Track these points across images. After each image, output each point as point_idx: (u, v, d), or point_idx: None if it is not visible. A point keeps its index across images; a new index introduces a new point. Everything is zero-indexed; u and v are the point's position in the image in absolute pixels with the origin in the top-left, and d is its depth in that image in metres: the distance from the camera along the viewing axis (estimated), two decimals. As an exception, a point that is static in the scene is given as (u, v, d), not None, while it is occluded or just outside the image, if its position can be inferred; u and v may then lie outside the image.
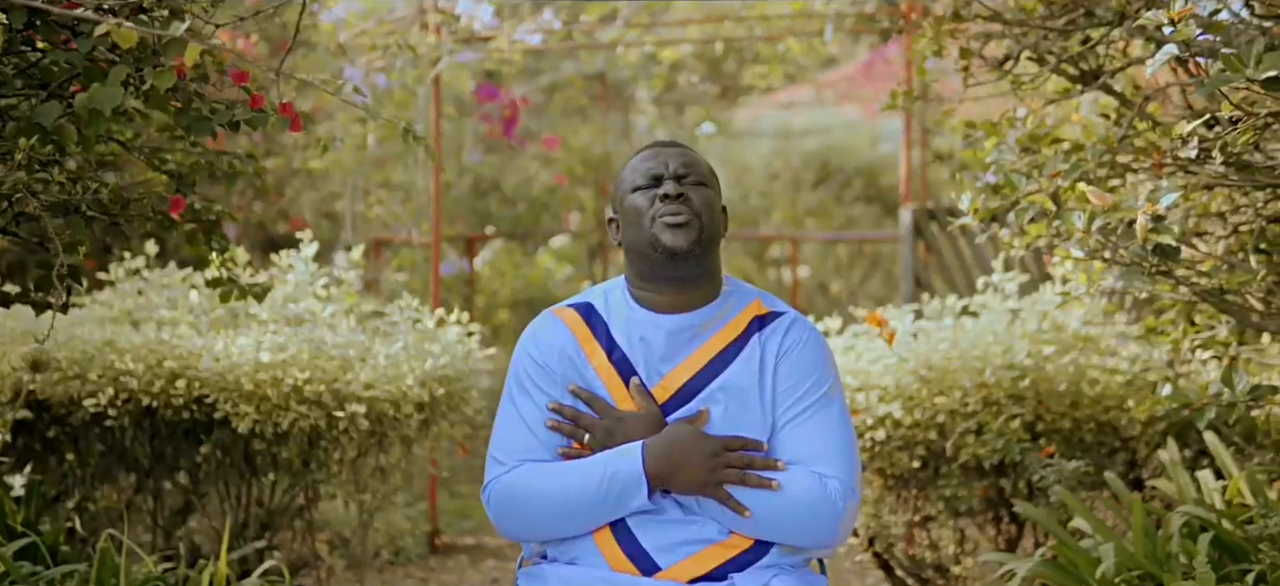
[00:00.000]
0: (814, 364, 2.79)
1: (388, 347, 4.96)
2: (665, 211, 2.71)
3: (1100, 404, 4.70)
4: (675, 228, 2.70)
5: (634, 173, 2.80)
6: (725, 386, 2.76)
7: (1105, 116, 4.22)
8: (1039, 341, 4.66)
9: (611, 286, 2.89)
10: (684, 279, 2.77)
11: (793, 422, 2.74)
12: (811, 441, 2.73)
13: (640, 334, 2.79)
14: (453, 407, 5.10)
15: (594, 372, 2.80)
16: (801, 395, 2.76)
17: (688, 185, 2.74)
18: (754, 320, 2.82)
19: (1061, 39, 4.09)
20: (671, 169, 2.76)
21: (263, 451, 4.85)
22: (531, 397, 2.81)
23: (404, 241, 7.66)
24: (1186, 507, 3.72)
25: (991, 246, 6.80)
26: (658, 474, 2.69)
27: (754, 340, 2.79)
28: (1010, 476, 4.68)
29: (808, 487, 2.68)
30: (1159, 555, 3.64)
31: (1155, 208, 3.04)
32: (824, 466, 2.71)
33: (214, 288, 4.08)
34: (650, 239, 2.72)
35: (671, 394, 2.77)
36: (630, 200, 2.77)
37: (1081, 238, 3.17)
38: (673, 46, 7.04)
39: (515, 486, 2.78)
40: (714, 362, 2.78)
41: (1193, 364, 4.90)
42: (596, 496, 2.71)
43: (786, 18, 6.73)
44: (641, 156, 2.84)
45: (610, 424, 2.76)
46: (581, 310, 2.87)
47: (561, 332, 2.84)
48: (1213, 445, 4.30)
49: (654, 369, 2.78)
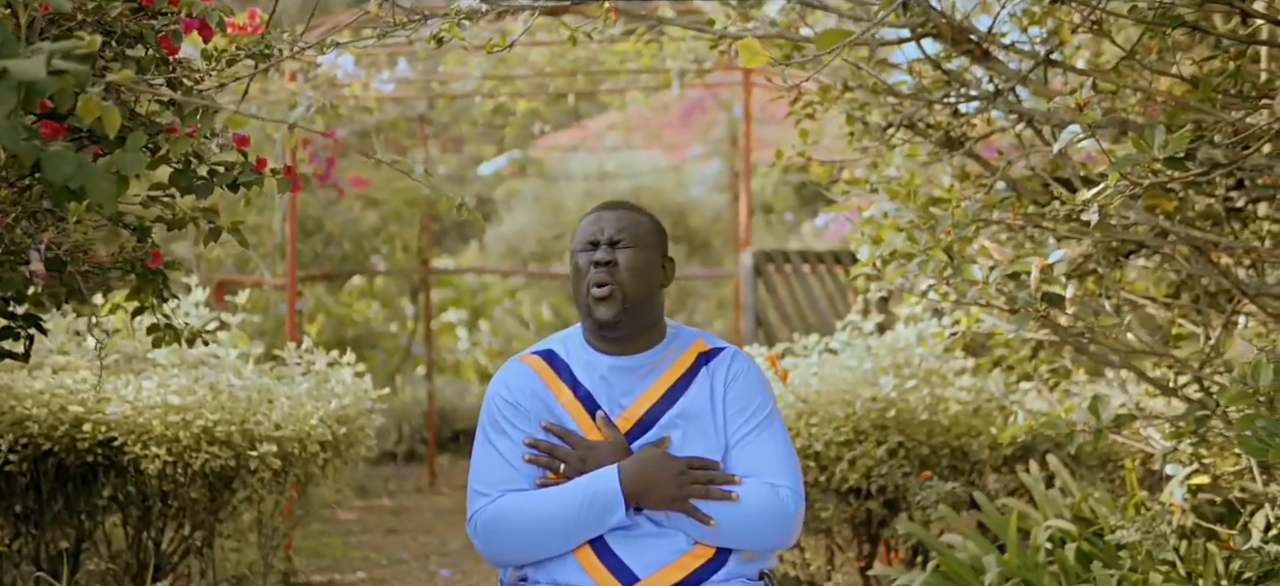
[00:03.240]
0: (756, 389, 3.18)
1: (291, 389, 5.15)
2: (593, 280, 3.07)
3: (951, 431, 5.23)
4: (600, 300, 3.06)
5: (580, 235, 3.15)
6: (683, 413, 3.13)
7: (968, 178, 4.76)
8: (902, 375, 5.17)
9: (568, 335, 3.25)
10: (620, 338, 3.13)
11: (743, 441, 3.13)
12: (762, 456, 3.11)
13: (600, 373, 3.14)
14: (350, 446, 5.32)
15: (563, 409, 3.14)
16: (748, 417, 3.15)
17: (620, 249, 3.08)
18: (700, 355, 3.20)
19: (927, 109, 4.61)
20: (607, 234, 3.10)
21: (171, 492, 4.98)
22: (507, 435, 3.13)
23: (254, 282, 7.76)
24: (1051, 522, 4.24)
25: (821, 288, 7.35)
26: (633, 492, 3.03)
27: (703, 372, 3.18)
28: (875, 498, 5.17)
29: (764, 497, 3.06)
30: (1029, 564, 4.16)
31: (1046, 261, 3.56)
32: (775, 477, 3.09)
33: (151, 333, 4.23)
34: (585, 307, 3.09)
35: (633, 423, 3.13)
36: (573, 260, 3.14)
37: (981, 287, 3.65)
38: (527, 98, 7.38)
39: (501, 514, 3.08)
40: (669, 394, 3.15)
41: (1018, 394, 5.50)
42: (579, 515, 3.04)
43: (633, 71, 7.13)
44: (588, 218, 3.17)
45: (583, 452, 3.10)
46: (545, 356, 3.22)
47: (530, 376, 3.18)
48: (1056, 467, 4.86)
49: (615, 402, 3.14)
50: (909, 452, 5.13)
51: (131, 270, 3.62)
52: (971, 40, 4.04)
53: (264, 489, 5.02)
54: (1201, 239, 3.97)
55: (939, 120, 4.48)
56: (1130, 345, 4.15)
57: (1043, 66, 4.08)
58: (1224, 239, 3.92)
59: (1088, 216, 3.19)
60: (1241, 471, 4.25)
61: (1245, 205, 4.73)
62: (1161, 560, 4.00)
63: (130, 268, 3.52)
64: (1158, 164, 2.88)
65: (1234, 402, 3.13)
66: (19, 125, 2.24)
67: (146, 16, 3.09)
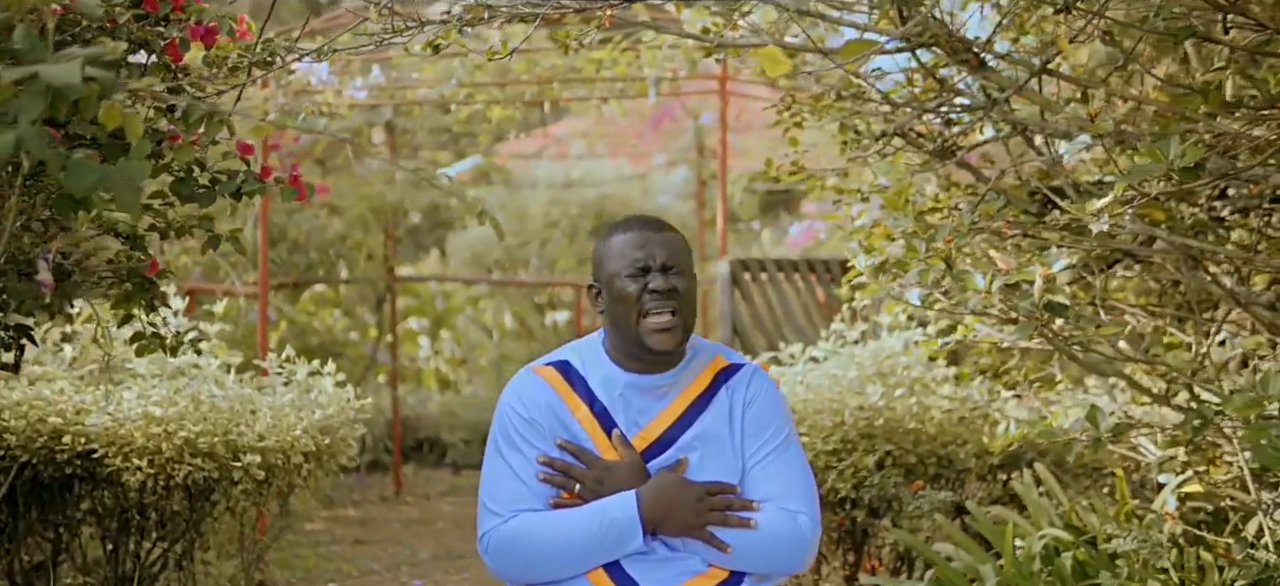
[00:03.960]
0: (774, 411, 3.13)
1: (274, 399, 5.09)
2: (653, 308, 2.96)
3: (937, 439, 5.25)
4: (662, 332, 2.97)
5: (621, 257, 3.02)
6: (701, 434, 3.07)
7: (956, 186, 4.77)
8: (887, 384, 5.17)
9: (584, 345, 3.16)
10: (664, 361, 3.07)
11: (760, 464, 3.08)
12: (778, 480, 3.06)
13: (618, 390, 3.07)
14: (332, 456, 5.26)
15: (578, 425, 3.06)
16: (766, 440, 3.10)
17: (674, 276, 2.99)
18: (719, 372, 3.14)
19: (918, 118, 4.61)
20: (659, 260, 2.99)
21: (152, 504, 4.90)
22: (521, 451, 3.05)
23: (225, 291, 7.69)
24: (1046, 530, 4.25)
25: (796, 297, 7.36)
26: (650, 519, 2.97)
27: (722, 391, 3.12)
28: (861, 507, 5.18)
29: (780, 523, 3.02)
30: (1024, 573, 4.17)
31: (1049, 271, 3.57)
32: (791, 502, 3.05)
33: (135, 343, 4.16)
34: (638, 337, 2.99)
35: (650, 442, 3.06)
36: (619, 285, 2.99)
37: (984, 296, 3.65)
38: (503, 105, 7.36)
39: (516, 535, 3.02)
40: (687, 413, 3.09)
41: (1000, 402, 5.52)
42: (595, 542, 2.98)
43: (609, 80, 7.12)
44: (627, 239, 3.04)
45: (599, 473, 3.02)
46: (559, 368, 3.13)
47: (544, 389, 3.09)
48: (1044, 475, 4.88)
49: (632, 421, 3.07)
50: (896, 461, 5.14)
51: (127, 279, 3.55)
52: (968, 49, 4.04)
53: (247, 500, 4.95)
54: (1196, 247, 3.99)
55: (931, 129, 4.47)
56: (1124, 353, 4.16)
57: (1038, 76, 4.09)
58: (1223, 247, 3.94)
59: (1097, 225, 3.19)
60: (1233, 479, 4.28)
61: (1229, 215, 4.77)
62: (1157, 568, 4.01)
63: (127, 276, 3.45)
64: (1173, 173, 2.89)
65: (1242, 411, 3.15)
66: (45, 132, 2.19)
67: (151, 23, 3.04)
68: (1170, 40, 3.44)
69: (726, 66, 6.82)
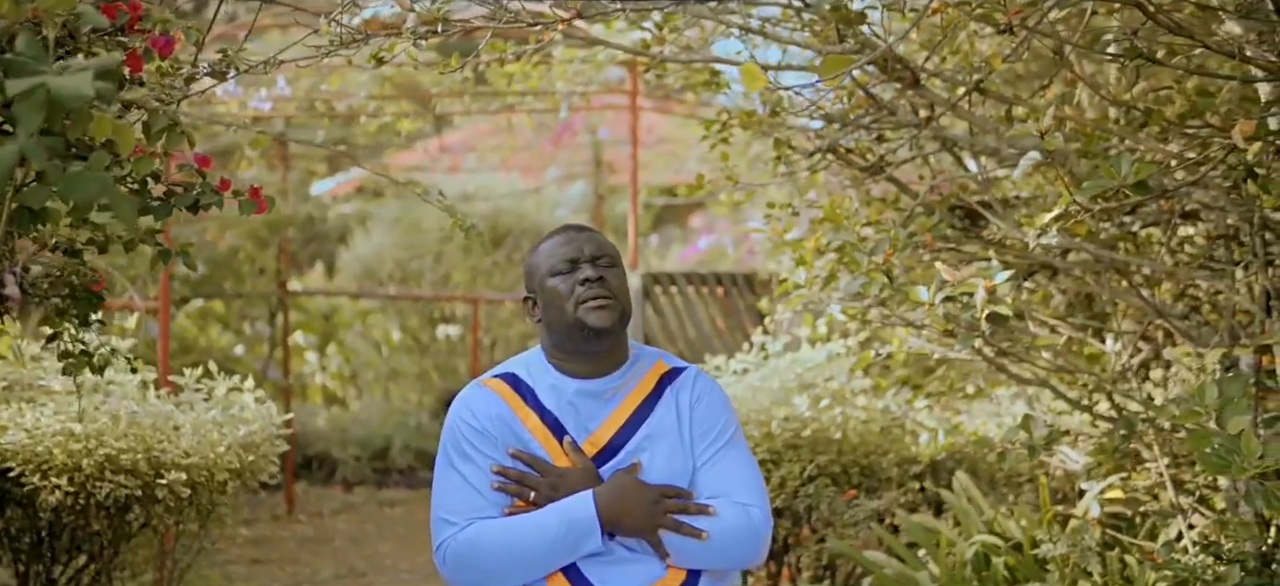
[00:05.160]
0: (721, 409, 3.20)
1: (197, 415, 5.00)
2: (587, 294, 3.03)
3: (859, 449, 5.34)
4: (598, 309, 3.02)
5: (550, 257, 3.11)
6: (650, 435, 3.12)
7: (881, 202, 4.87)
8: (811, 395, 5.26)
9: (528, 359, 3.21)
10: (602, 352, 3.11)
11: (711, 462, 3.13)
12: (729, 477, 3.11)
13: (567, 398, 3.11)
14: (254, 474, 5.18)
15: (530, 434, 3.09)
16: (714, 438, 3.16)
17: (602, 267, 3.07)
18: (663, 376, 3.20)
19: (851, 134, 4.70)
20: (587, 253, 3.08)
21: (71, 524, 4.78)
22: (474, 462, 3.07)
23: (124, 305, 7.50)
24: (976, 537, 4.36)
25: (705, 309, 7.43)
26: (608, 519, 3.01)
27: (668, 393, 3.17)
28: (787, 518, 5.25)
29: (736, 518, 3.07)
30: (957, 579, 4.27)
31: (992, 283, 3.67)
32: (744, 497, 3.11)
33: (63, 360, 4.06)
34: (574, 321, 3.03)
35: (601, 447, 3.10)
36: (551, 283, 3.07)
37: (927, 308, 3.74)
38: (411, 119, 7.29)
39: (473, 542, 3.03)
40: (635, 416, 3.14)
41: (915, 412, 5.65)
42: (553, 543, 3.01)
43: (521, 94, 7.11)
44: (556, 241, 3.14)
45: (554, 480, 3.06)
46: (507, 380, 3.17)
47: (494, 401, 3.12)
48: (966, 484, 5.00)
49: (582, 427, 3.11)
50: (822, 471, 5.22)
51: (71, 293, 3.47)
52: (904, 67, 4.13)
53: (170, 517, 4.85)
54: (1121, 261, 4.14)
55: (863, 146, 4.57)
56: (1052, 363, 4.29)
57: (968, 95, 4.20)
58: (1150, 261, 4.09)
59: (1047, 240, 3.30)
60: (1153, 486, 4.44)
61: (1140, 230, 4.94)
62: (1085, 571, 4.14)
63: (72, 291, 3.38)
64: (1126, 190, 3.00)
65: (1181, 421, 3.26)
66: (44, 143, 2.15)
67: (110, 34, 2.98)
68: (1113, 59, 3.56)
69: (636, 81, 6.87)
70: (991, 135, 3.92)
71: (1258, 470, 2.86)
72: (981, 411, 5.85)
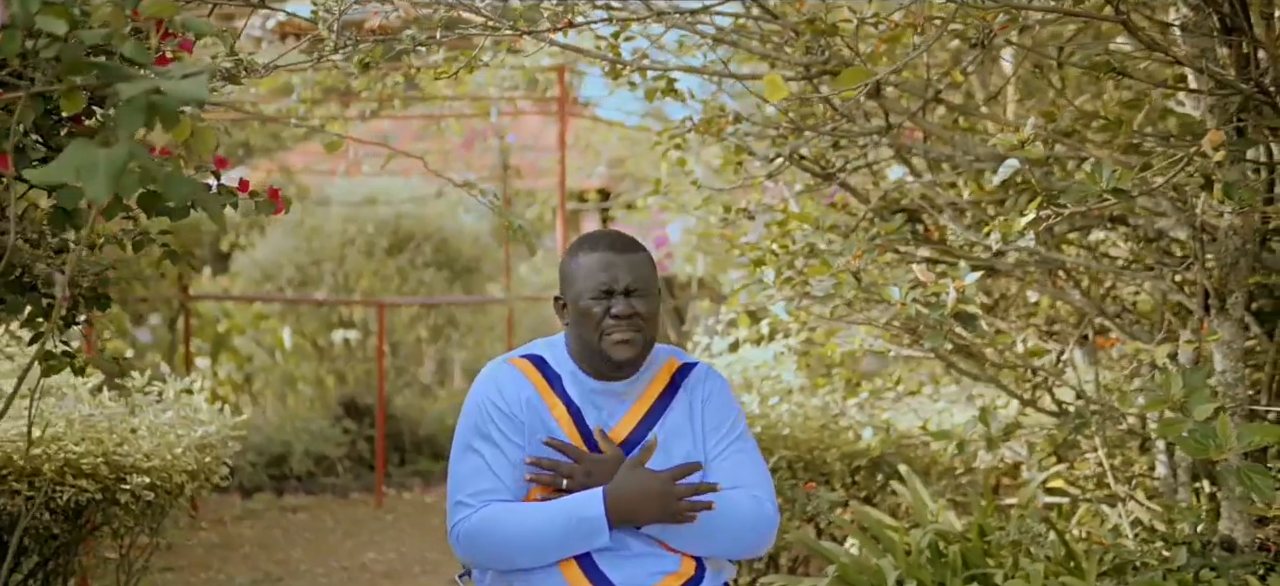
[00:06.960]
0: (730, 405, 3.33)
1: (154, 416, 4.98)
2: (614, 328, 3.10)
3: (804, 444, 5.52)
4: (624, 343, 3.11)
5: (588, 277, 3.13)
6: (666, 430, 3.24)
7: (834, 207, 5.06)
8: (759, 392, 5.42)
9: (551, 344, 3.28)
10: (623, 377, 3.21)
11: (722, 455, 3.26)
12: (741, 470, 3.25)
13: (586, 391, 3.21)
14: (208, 476, 5.18)
15: (556, 422, 3.18)
16: (725, 433, 3.28)
17: (636, 298, 3.11)
18: (676, 372, 3.31)
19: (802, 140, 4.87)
20: (623, 284, 3.11)
21: (28, 529, 4.72)
22: (495, 444, 3.13)
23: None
24: (930, 525, 4.57)
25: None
26: (620, 515, 3.12)
27: (681, 390, 3.29)
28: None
29: (750, 508, 3.20)
30: (914, 564, 4.47)
31: (962, 283, 3.87)
32: (756, 489, 3.24)
33: (44, 361, 4.04)
34: (600, 350, 3.12)
35: (620, 442, 3.21)
36: (583, 304, 3.11)
37: (899, 307, 3.92)
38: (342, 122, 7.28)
39: (486, 524, 3.11)
40: (651, 412, 3.26)
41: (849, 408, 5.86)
42: (561, 539, 3.11)
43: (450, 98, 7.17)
44: (596, 261, 3.14)
45: (589, 466, 3.15)
46: (534, 361, 3.23)
47: (523, 383, 3.19)
48: (908, 477, 5.21)
49: (603, 421, 3.21)
50: (774, 467, 5.38)
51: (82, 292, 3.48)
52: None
53: (131, 521, 4.82)
54: (1071, 264, 4.37)
55: (819, 152, 4.74)
56: (1007, 360, 4.52)
57: (925, 106, 4.41)
58: (1102, 265, 4.33)
59: (1023, 243, 3.50)
60: (1094, 475, 4.69)
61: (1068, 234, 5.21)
62: (1038, 557, 4.37)
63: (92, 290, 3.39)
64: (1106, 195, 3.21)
65: (1152, 409, 3.49)
66: (145, 145, 2.21)
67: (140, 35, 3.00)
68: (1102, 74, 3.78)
69: (564, 86, 6.97)
70: (948, 145, 4.12)
71: (1242, 449, 3.07)
72: (906, 408, 6.09)
